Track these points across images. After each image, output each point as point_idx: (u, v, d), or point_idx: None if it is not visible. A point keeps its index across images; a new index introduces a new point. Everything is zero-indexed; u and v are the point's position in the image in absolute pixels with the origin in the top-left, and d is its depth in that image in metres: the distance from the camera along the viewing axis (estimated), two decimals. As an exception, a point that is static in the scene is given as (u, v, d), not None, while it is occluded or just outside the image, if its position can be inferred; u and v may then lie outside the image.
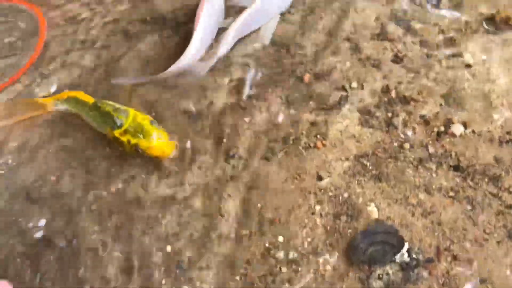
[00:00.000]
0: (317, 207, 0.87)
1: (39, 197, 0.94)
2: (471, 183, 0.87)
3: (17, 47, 1.24)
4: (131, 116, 0.93)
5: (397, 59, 1.09)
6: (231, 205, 0.90)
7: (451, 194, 0.86)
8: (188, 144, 0.98)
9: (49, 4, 1.32)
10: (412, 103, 0.99)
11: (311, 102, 1.02)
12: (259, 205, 0.89)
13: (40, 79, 1.15)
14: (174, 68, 1.06)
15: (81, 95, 1.02)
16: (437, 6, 1.16)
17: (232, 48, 1.13)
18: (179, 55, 1.06)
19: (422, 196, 0.86)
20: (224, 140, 0.98)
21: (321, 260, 0.82)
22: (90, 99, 1.00)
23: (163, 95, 1.07)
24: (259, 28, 1.16)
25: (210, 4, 1.18)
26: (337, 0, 1.20)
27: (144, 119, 0.93)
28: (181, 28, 1.21)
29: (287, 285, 0.81)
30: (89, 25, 1.26)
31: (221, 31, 1.14)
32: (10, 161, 1.00)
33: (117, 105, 0.96)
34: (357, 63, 1.08)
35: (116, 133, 0.92)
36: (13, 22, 1.30)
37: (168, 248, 0.85)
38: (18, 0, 1.34)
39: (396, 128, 0.96)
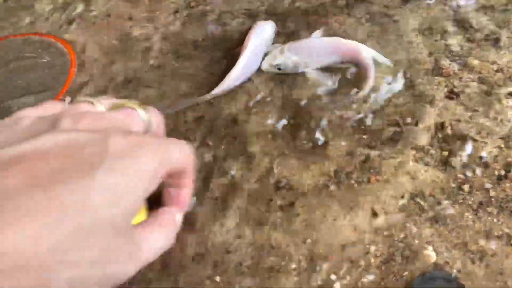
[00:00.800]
0: (372, 247, 0.84)
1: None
2: (535, 232, 0.83)
3: (47, 84, 1.21)
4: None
5: (452, 95, 1.06)
6: (280, 236, 0.88)
7: (514, 242, 0.83)
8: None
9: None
10: (470, 142, 0.97)
11: (364, 136, 1.01)
12: (309, 240, 0.87)
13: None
14: (217, 90, 1.10)
15: None
16: (496, 44, 1.14)
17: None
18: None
19: (482, 242, 0.83)
20: (274, 169, 0.97)
21: (375, 302, 0.79)
22: None
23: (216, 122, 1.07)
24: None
25: (260, 31, 1.20)
26: (391, 32, 1.19)
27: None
28: (232, 52, 1.21)
29: (338, 326, 0.78)
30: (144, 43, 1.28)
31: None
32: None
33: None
34: (410, 98, 1.06)
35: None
36: (43, 57, 1.27)
37: (217, 279, 0.84)
38: (48, 35, 1.32)
39: (454, 168, 0.93)
